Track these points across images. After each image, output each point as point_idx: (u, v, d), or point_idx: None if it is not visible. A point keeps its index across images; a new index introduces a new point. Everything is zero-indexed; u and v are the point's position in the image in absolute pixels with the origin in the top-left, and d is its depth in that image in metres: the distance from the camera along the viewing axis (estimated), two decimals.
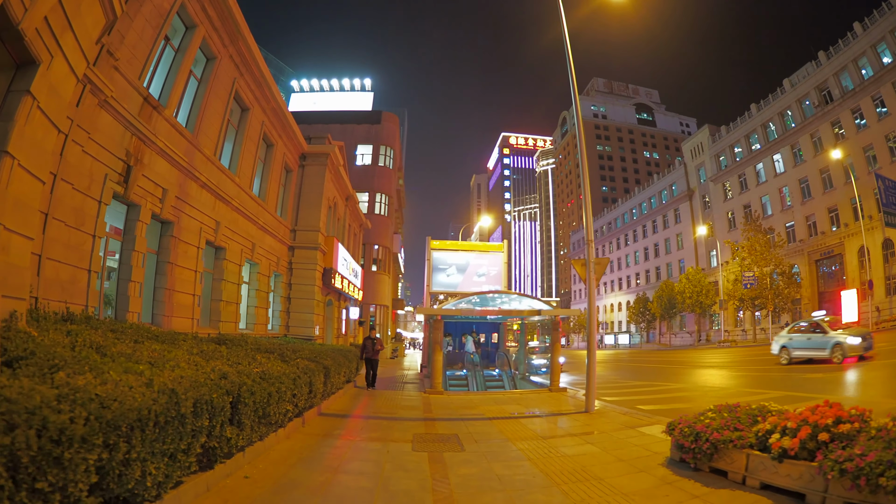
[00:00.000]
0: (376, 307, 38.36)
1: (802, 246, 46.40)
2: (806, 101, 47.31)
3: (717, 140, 61.20)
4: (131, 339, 6.67)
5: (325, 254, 21.90)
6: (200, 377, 5.00)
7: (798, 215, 47.70)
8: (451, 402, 12.64)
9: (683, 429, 6.28)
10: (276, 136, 19.13)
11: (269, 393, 6.26)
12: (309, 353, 10.92)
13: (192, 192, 12.80)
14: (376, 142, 39.85)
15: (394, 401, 12.99)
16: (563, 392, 14.71)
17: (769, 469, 5.14)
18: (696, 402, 11.86)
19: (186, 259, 12.57)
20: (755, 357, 26.01)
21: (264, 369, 6.86)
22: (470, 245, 26.86)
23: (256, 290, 17.35)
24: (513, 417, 10.48)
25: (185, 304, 12.50)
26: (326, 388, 10.15)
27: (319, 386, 9.03)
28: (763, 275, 42.31)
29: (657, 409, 11.43)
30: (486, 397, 13.88)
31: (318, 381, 8.95)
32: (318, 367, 9.35)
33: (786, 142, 49.45)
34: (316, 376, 8.77)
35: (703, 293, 54.22)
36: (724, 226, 58.71)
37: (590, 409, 11.05)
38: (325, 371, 9.78)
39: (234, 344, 9.70)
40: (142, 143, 10.44)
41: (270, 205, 18.56)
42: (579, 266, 11.97)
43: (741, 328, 52.71)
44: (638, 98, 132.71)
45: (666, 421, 8.48)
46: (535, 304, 16.05)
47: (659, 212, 75.09)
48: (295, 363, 8.64)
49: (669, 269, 71.57)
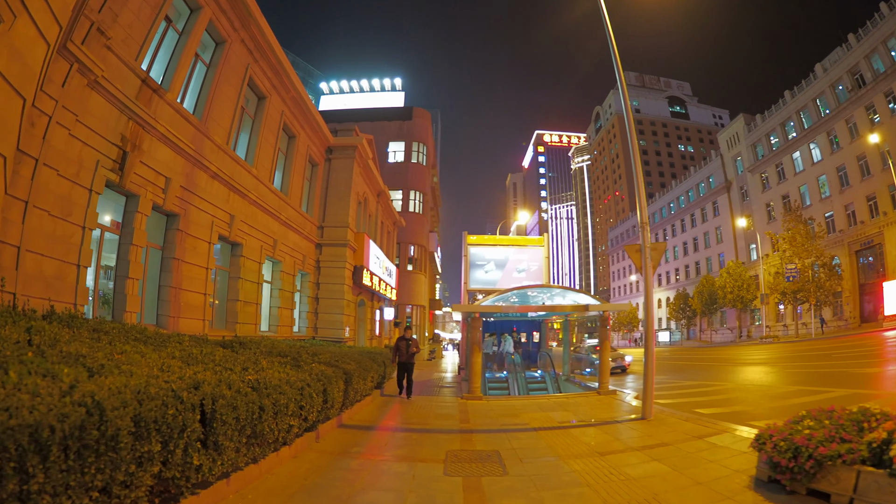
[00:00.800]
0: (412, 307, 37.16)
1: (842, 236, 44.15)
2: (839, 87, 45.45)
3: (753, 129, 59.05)
4: (108, 340, 5.55)
5: (355, 251, 20.78)
6: (155, 386, 3.75)
7: (837, 204, 45.44)
8: (490, 409, 11.23)
9: (779, 443, 4.97)
10: (298, 128, 18.09)
11: (262, 406, 5.02)
12: (330, 356, 9.73)
13: (200, 183, 11.82)
14: (408, 138, 38.70)
15: (427, 408, 11.65)
16: (612, 395, 13.19)
17: (885, 489, 4.01)
18: (756, 405, 11.01)
19: (196, 255, 11.55)
20: (801, 352, 24.87)
21: (262, 377, 5.61)
22: (508, 239, 25.24)
23: (280, 289, 16.29)
24: (562, 427, 9.00)
25: (195, 305, 11.47)
26: (348, 396, 8.89)
27: (337, 394, 7.75)
28: (805, 267, 41.00)
29: (717, 412, 10.11)
30: (529, 402, 12.39)
31: (336, 389, 7.67)
32: (337, 373, 8.08)
33: (821, 129, 47.50)
34: (333, 384, 7.50)
35: (744, 288, 52.33)
36: (763, 217, 56.47)
37: (647, 415, 9.60)
38: (345, 377, 8.51)
39: (244, 347, 8.58)
40: (140, 128, 9.59)
41: (294, 199, 17.51)
42: (634, 252, 10.47)
43: (782, 323, 50.80)
44: (670, 91, 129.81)
45: (733, 427, 7.86)
46: (580, 299, 14.52)
47: (697, 205, 72.83)
48: (309, 369, 7.41)
49: (709, 264, 69.39)
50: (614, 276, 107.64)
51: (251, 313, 14.06)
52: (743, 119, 61.78)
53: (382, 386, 13.89)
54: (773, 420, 9.17)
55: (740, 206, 61.85)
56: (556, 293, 14.94)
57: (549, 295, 14.71)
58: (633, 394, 13.45)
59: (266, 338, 12.31)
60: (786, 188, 52.83)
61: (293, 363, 7.75)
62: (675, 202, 79.71)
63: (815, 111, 48.47)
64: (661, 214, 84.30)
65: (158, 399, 3.61)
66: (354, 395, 9.46)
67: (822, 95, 47.54)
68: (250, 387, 5.13)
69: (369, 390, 11.50)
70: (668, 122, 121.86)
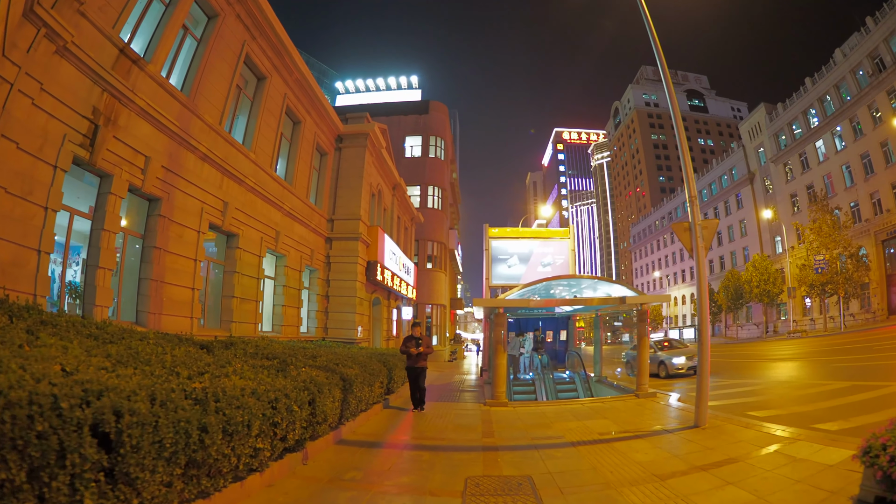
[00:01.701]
0: (433, 307, 35.70)
1: (868, 226, 42.12)
2: (860, 72, 43.67)
3: (775, 119, 57.05)
4: (49, 333, 4.48)
5: (368, 245, 19.40)
6: (23, 389, 2.42)
7: (862, 193, 43.43)
8: (517, 418, 9.71)
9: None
10: (304, 113, 16.81)
11: (204, 425, 3.63)
12: (331, 358, 8.44)
13: (188, 165, 10.59)
14: (425, 132, 37.31)
15: (444, 417, 10.16)
16: (653, 398, 11.62)
17: None
18: (811, 404, 10.01)
19: (181, 245, 10.29)
20: (837, 346, 23.63)
21: (216, 386, 4.25)
22: (532, 232, 23.67)
23: (284, 286, 14.96)
24: (604, 441, 7.47)
25: (181, 300, 10.20)
26: (349, 406, 7.49)
27: (330, 406, 6.34)
28: (832, 258, 39.67)
29: (773, 415, 9.04)
30: (560, 409, 10.84)
31: (329, 399, 6.27)
32: (332, 380, 6.70)
33: (843, 116, 45.61)
34: (324, 393, 6.10)
35: (771, 281, 50.54)
36: (787, 209, 54.42)
37: (701, 422, 8.11)
38: (343, 384, 7.12)
39: (229, 348, 7.29)
40: (116, 101, 8.51)
41: (300, 189, 16.21)
42: (682, 231, 8.96)
43: (809, 317, 49.07)
44: (688, 84, 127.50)
45: (804, 434, 6.93)
46: (614, 290, 12.97)
47: (720, 198, 70.73)
48: (295, 375, 6.06)
49: (734, 258, 67.37)
50: (637, 273, 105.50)
51: (249, 311, 12.75)
52: (764, 109, 59.89)
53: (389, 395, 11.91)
54: (838, 421, 7.98)
55: (764, 198, 59.96)
56: (587, 284, 13.42)
57: (582, 287, 13.19)
58: (676, 395, 11.88)
59: (266, 339, 11.01)
60: (810, 178, 50.76)
61: (279, 368, 6.41)
62: (698, 196, 76.71)
63: (837, 98, 46.82)
64: (683, 209, 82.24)
65: (23, 409, 2.28)
66: (357, 404, 8.07)
67: (842, 81, 45.85)
68: (192, 399, 3.77)
69: (378, 398, 10.11)
70: (687, 115, 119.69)
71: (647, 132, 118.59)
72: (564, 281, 13.03)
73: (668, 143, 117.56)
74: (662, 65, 9.53)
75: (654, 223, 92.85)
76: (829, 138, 48.10)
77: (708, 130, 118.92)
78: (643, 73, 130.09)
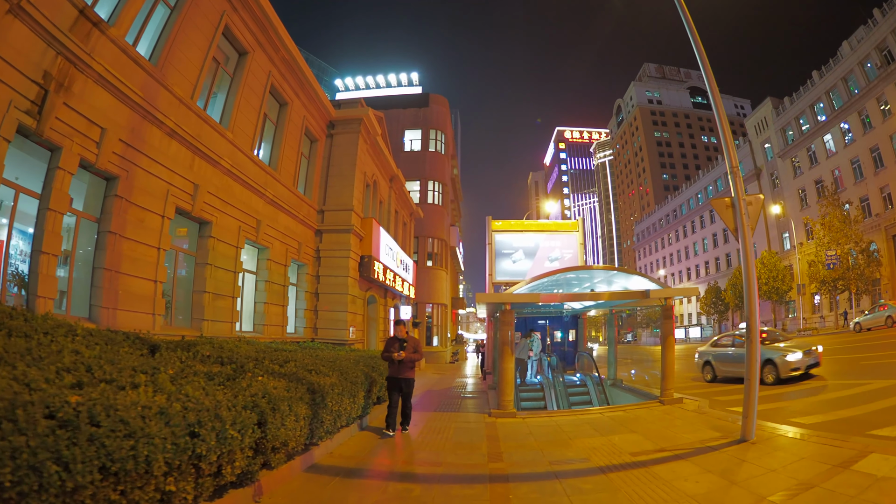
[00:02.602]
0: (433, 306, 34.20)
1: (879, 220, 40.92)
2: (868, 64, 42.55)
3: (782, 113, 55.73)
4: None
5: (361, 239, 17.96)
6: None
7: (872, 187, 42.29)
8: (529, 433, 8.29)
9: None
10: (292, 94, 15.45)
11: (66, 461, 2.26)
12: (306, 364, 7.14)
13: (152, 141, 9.27)
14: (425, 126, 35.88)
15: (442, 432, 8.72)
16: (679, 404, 10.26)
17: None
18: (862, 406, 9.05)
19: (142, 231, 8.94)
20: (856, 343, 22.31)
21: (104, 402, 2.87)
22: (538, 224, 22.17)
23: (266, 281, 13.55)
24: (639, 464, 6.06)
25: (140, 294, 8.85)
26: (321, 423, 6.04)
27: (292, 425, 4.88)
28: (844, 254, 38.50)
29: (820, 421, 8.23)
30: (577, 420, 9.39)
31: (290, 417, 4.84)
32: (297, 392, 5.29)
33: (851, 109, 44.38)
34: (280, 410, 4.67)
35: (779, 278, 49.03)
36: (795, 204, 53.11)
37: (748, 435, 6.83)
38: (312, 397, 5.69)
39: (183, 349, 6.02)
40: (71, 66, 7.41)
41: (285, 176, 14.82)
42: (723, 208, 7.63)
43: (819, 315, 47.67)
44: (691, 81, 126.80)
45: (870, 444, 6.00)
46: (634, 283, 11.59)
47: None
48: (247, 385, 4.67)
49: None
50: (641, 271, 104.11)
51: (224, 309, 11.34)
52: (770, 103, 58.53)
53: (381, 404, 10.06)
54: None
55: (771, 194, 58.36)
56: (603, 277, 12.02)
57: (596, 280, 11.78)
58: (707, 401, 10.48)
59: (243, 340, 9.63)
60: (818, 172, 49.52)
61: (230, 376, 5.03)
62: (704, 192, 76.14)
63: (845, 91, 45.46)
64: (688, 206, 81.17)
65: None
66: (335, 420, 6.62)
67: (850, 74, 44.59)
68: (58, 419, 2.39)
69: (363, 410, 8.63)
70: (691, 112, 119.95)
71: (650, 129, 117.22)
72: (577, 273, 11.61)
73: (671, 140, 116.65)
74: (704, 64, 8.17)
75: (659, 221, 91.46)
76: (837, 132, 47.02)
77: (711, 128, 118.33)
78: (646, 69, 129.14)
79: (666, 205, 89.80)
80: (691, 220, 79.60)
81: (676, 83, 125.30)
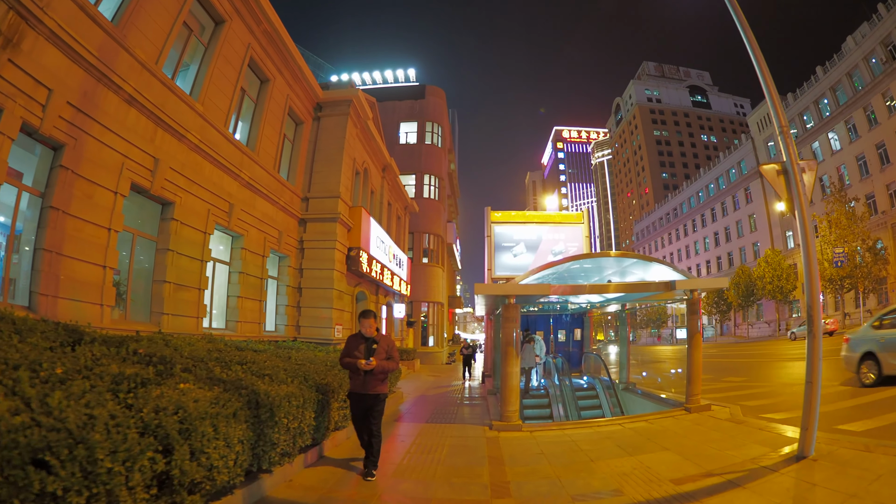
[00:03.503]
0: (429, 305, 32.83)
1: (885, 218, 40.37)
2: (872, 59, 42.13)
3: (785, 109, 54.01)
4: None
5: (349, 229, 16.58)
6: None
7: (878, 184, 41.64)
8: (540, 452, 6.90)
9: None
10: (274, 71, 14.12)
11: None
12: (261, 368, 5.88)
13: (107, 107, 8.06)
14: (421, 118, 34.56)
15: (433, 452, 7.05)
16: (708, 412, 8.97)
17: None
18: None
19: (90, 208, 7.69)
20: None
21: None
22: (541, 216, 20.76)
23: (241, 273, 12.16)
24: (688, 497, 4.72)
25: (88, 281, 7.59)
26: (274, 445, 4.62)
27: (217, 454, 3.44)
28: (851, 251, 37.84)
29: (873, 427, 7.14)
30: (595, 434, 7.97)
31: (214, 443, 3.41)
32: (230, 407, 3.90)
33: (857, 104, 43.90)
34: (198, 434, 3.23)
35: (784, 277, 48.42)
36: None
37: (808, 450, 5.60)
38: (256, 414, 4.27)
39: (102, 344, 4.65)
40: (22, 21, 6.55)
41: (265, 158, 13.47)
42: (774, 175, 6.34)
43: (824, 314, 46.17)
44: (690, 80, 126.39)
45: None
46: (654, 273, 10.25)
47: (728, 192, 68.27)
48: (159, 395, 3.36)
49: (743, 255, 64.81)
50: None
51: (188, 302, 9.96)
52: None
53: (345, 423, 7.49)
54: None
55: (775, 192, 56.66)
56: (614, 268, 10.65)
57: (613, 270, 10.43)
58: (738, 407, 9.16)
59: (210, 337, 8.32)
60: (823, 169, 48.44)
61: (148, 381, 3.69)
62: (705, 190, 75.10)
63: (850, 86, 44.99)
64: (688, 204, 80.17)
65: None
66: (294, 440, 5.15)
67: (855, 69, 44.17)
68: None
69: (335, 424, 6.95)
70: (690, 111, 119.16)
71: (649, 128, 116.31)
72: (596, 261, 10.23)
73: (671, 139, 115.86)
74: (759, 60, 6.87)
75: (659, 219, 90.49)
76: (842, 128, 46.31)
77: (711, 127, 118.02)
78: (645, 68, 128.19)
79: (666, 203, 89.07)
80: (692, 219, 78.63)
81: (675, 82, 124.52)
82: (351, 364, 5.76)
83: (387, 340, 6.03)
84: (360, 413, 5.86)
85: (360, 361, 5.64)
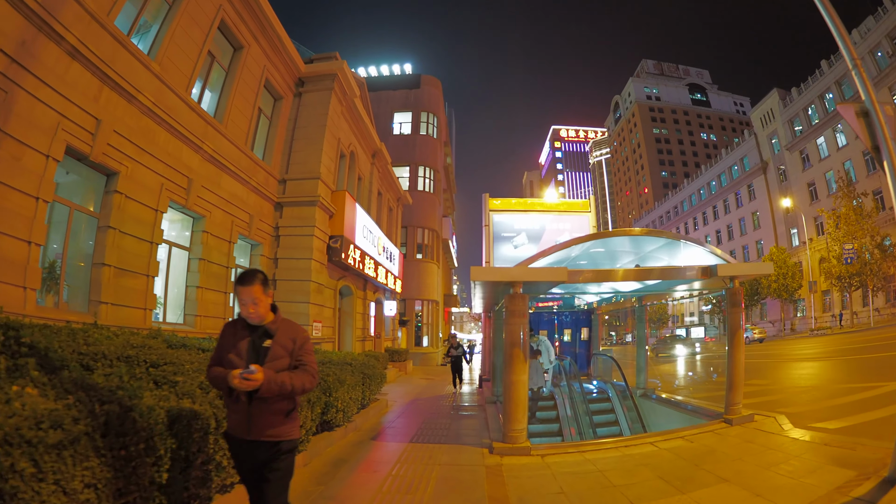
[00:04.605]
0: (423, 303, 31.25)
1: (893, 214, 38.85)
2: (878, 52, 41.05)
3: (789, 104, 53.96)
4: None
5: (331, 216, 14.92)
6: None
7: (885, 180, 38.80)
8: (559, 490, 5.21)
9: None
10: (249, 38, 12.55)
11: None
12: (180, 372, 4.23)
13: (44, 59, 6.68)
14: (416, 108, 33.02)
15: (414, 489, 5.22)
16: (754, 424, 7.54)
17: None
18: None
19: (16, 173, 6.25)
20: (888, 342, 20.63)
21: None
22: (545, 204, 19.08)
23: (201, 259, 10.52)
24: None
25: (10, 260, 6.12)
26: (193, 479, 3.13)
27: None
28: (860, 248, 37.03)
29: None
30: (625, 458, 6.31)
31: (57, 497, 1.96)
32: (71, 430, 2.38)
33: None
34: None
35: (789, 275, 47.26)
36: (805, 198, 51.12)
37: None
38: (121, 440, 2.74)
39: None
40: None
41: (234, 132, 11.89)
42: (854, 116, 4.99)
43: (830, 313, 45.72)
44: (689, 78, 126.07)
45: None
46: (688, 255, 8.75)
47: (730, 189, 67.11)
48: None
49: (746, 252, 63.57)
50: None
51: (134, 290, 8.36)
52: (777, 94, 56.51)
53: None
54: None
55: (778, 188, 56.44)
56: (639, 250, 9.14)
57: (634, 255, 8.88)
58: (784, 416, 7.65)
59: (154, 332, 6.69)
60: (829, 165, 47.68)
61: None
62: (706, 188, 73.91)
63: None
64: (690, 202, 78.98)
65: None
66: (207, 475, 3.57)
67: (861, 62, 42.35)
68: None
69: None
70: (690, 109, 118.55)
71: (648, 126, 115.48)
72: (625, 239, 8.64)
73: (670, 137, 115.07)
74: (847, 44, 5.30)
75: (659, 217, 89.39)
76: (847, 124, 44.23)
77: (710, 125, 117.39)
78: (644, 66, 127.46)
79: (666, 201, 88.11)
80: (693, 217, 77.48)
81: (675, 80, 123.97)
82: (219, 378, 2.90)
83: (292, 332, 3.11)
84: (248, 473, 3.03)
85: (234, 374, 2.76)
